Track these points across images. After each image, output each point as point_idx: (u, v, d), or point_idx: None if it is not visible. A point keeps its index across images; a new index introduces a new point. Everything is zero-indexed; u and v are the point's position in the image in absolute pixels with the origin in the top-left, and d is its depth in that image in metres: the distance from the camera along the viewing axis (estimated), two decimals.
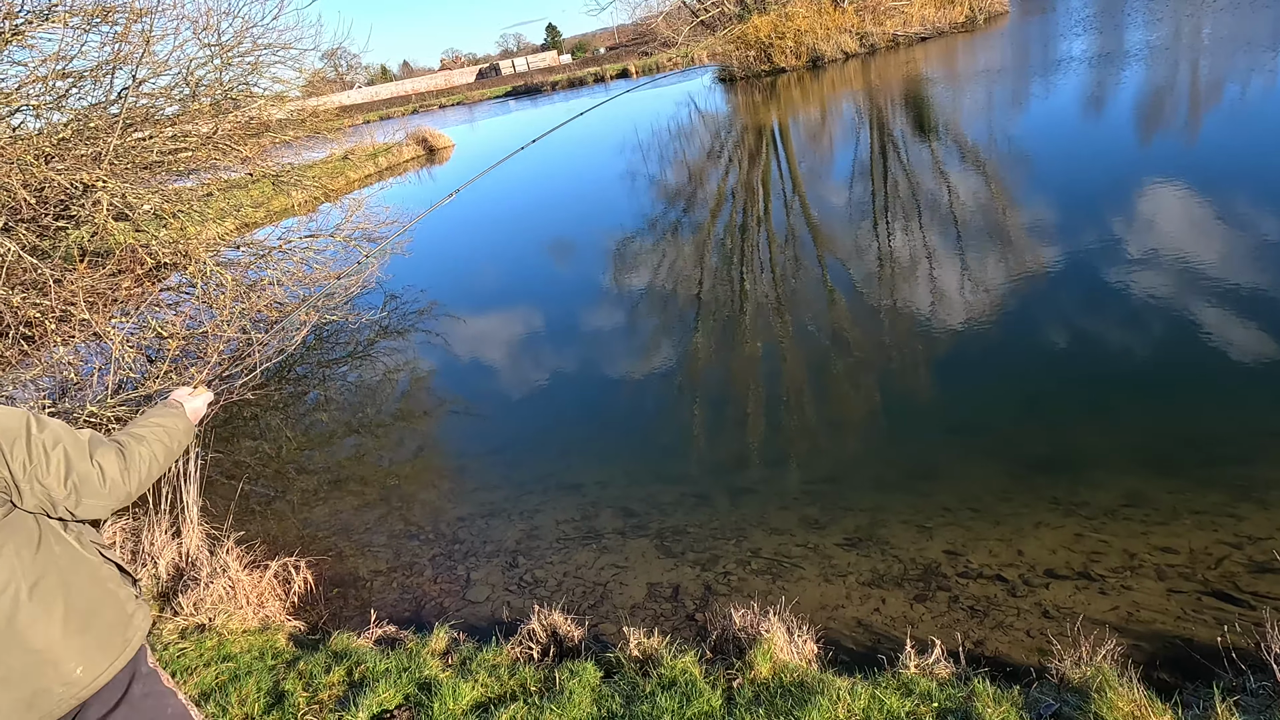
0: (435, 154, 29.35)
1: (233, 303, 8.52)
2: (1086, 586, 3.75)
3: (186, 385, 2.42)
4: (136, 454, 2.04)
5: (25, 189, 7.15)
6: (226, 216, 11.50)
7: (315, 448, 7.38)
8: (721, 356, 7.52)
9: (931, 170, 12.26)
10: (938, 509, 4.57)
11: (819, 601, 4.02)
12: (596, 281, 10.60)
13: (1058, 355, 6.07)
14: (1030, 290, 7.19)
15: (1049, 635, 3.42)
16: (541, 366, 8.13)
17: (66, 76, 8.01)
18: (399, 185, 23.05)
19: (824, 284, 8.62)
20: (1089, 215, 8.68)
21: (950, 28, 33.15)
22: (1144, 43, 19.83)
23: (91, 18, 7.67)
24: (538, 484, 5.84)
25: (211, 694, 3.56)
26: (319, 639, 4.16)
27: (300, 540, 5.53)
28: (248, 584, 4.60)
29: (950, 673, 3.13)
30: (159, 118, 9.23)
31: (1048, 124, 14.02)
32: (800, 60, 31.48)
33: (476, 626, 4.30)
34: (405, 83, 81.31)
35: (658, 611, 4.20)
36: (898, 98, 20.53)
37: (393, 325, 10.23)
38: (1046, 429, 5.20)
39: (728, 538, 4.72)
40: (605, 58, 68.27)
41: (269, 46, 9.98)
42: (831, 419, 5.95)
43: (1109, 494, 4.36)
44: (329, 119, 12.92)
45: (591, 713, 3.09)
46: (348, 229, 10.58)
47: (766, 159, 16.99)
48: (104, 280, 8.00)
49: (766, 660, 3.23)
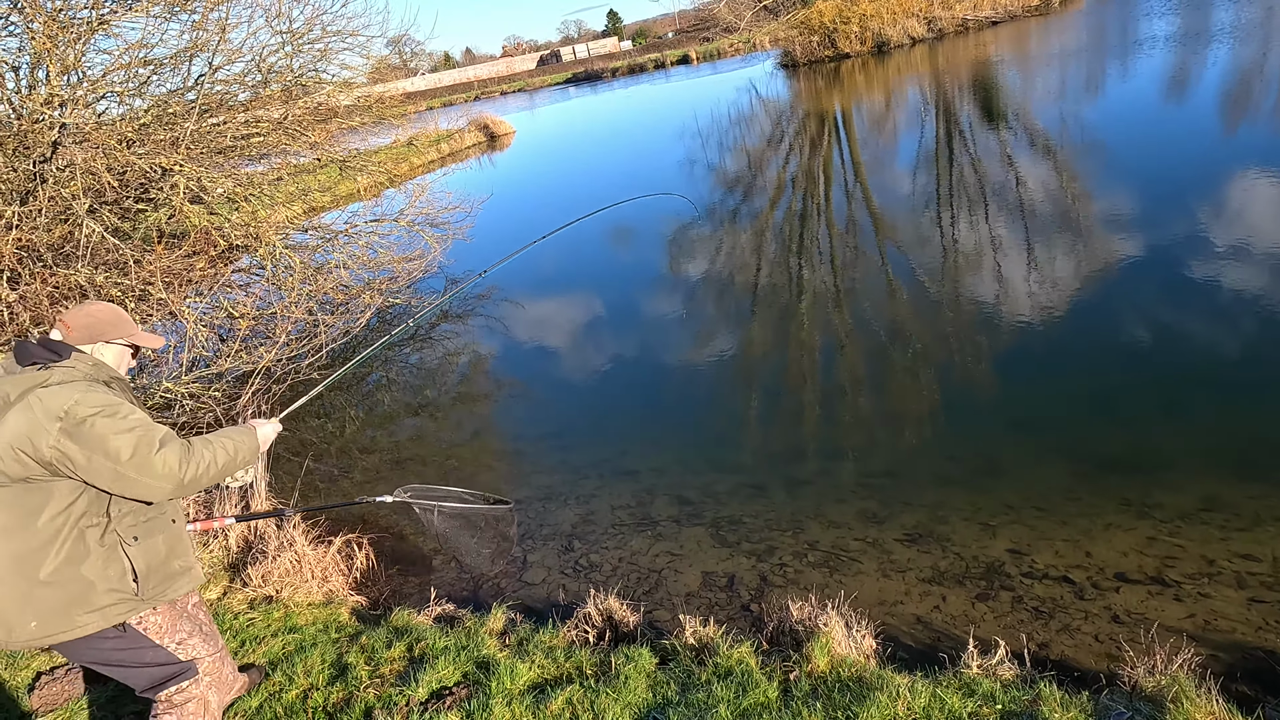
0: (496, 140, 29.62)
1: (300, 284, 8.75)
2: (1160, 592, 3.62)
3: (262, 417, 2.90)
4: (199, 453, 2.39)
5: (109, 172, 7.44)
6: (295, 200, 11.80)
7: (377, 428, 7.54)
8: (779, 346, 7.44)
9: (999, 158, 11.90)
10: (1001, 507, 4.46)
11: (877, 597, 3.96)
12: (654, 268, 10.58)
13: (1131, 351, 5.84)
14: (1103, 283, 6.93)
15: (1120, 641, 3.30)
16: (598, 352, 8.17)
17: (148, 64, 8.28)
18: (461, 171, 23.35)
19: (885, 274, 8.45)
20: (1168, 205, 8.32)
21: (1023, 11, 32.07)
22: (1232, 22, 18.87)
23: (172, 6, 7.91)
24: (593, 469, 5.88)
25: (279, 663, 3.68)
26: (380, 614, 4.26)
27: (362, 517, 5.67)
28: (313, 559, 4.73)
29: (1014, 675, 3.05)
30: (232, 104, 9.49)
31: (1125, 109, 13.47)
32: (865, 46, 30.84)
33: (533, 608, 4.35)
34: (467, 69, 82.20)
35: (712, 600, 4.19)
36: (965, 83, 19.95)
37: (453, 309, 10.37)
38: (1118, 427, 5.02)
39: (784, 529, 4.68)
40: (666, 43, 67.93)
41: (338, 33, 10.17)
42: (890, 412, 5.84)
43: (1185, 497, 4.19)
44: (394, 105, 13.13)
45: (647, 698, 3.10)
46: (411, 214, 10.76)
47: (828, 146, 16.71)
48: (180, 261, 8.29)
49: (824, 654, 3.19)
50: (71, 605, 2.31)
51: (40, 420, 2.22)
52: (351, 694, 3.40)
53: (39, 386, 2.27)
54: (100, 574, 2.35)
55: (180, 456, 2.33)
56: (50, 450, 2.21)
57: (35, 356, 2.36)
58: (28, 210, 7.23)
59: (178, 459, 2.32)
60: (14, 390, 2.27)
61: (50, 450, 2.21)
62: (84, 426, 2.22)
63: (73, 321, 2.46)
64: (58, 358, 2.37)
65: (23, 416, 2.23)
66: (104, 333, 2.50)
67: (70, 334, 2.45)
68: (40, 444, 2.22)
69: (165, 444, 2.31)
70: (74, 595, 2.32)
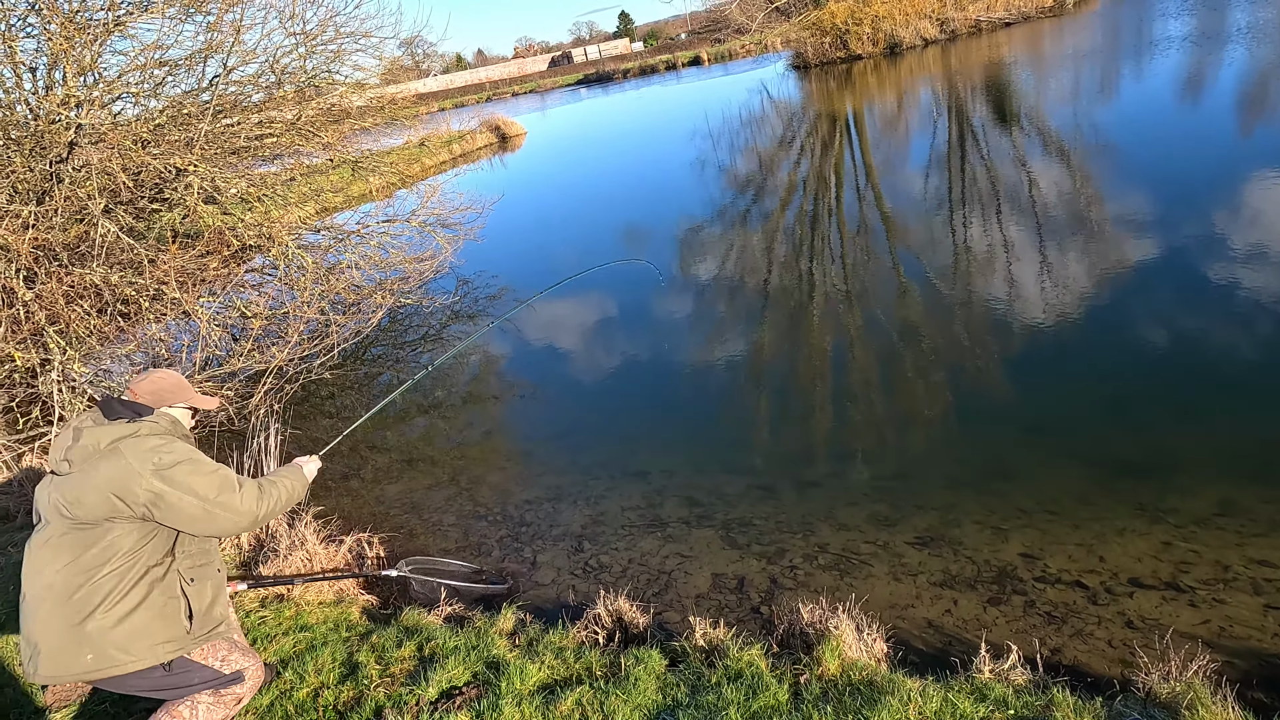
0: (508, 141, 29.69)
1: (313, 284, 8.79)
2: (1175, 598, 3.59)
3: (305, 455, 3.32)
4: (269, 492, 2.79)
5: (124, 173, 7.50)
6: (308, 201, 11.87)
7: (388, 427, 7.57)
8: (789, 348, 7.43)
9: (1012, 160, 11.84)
10: (1013, 510, 4.43)
11: (888, 600, 3.95)
12: (665, 269, 10.58)
13: (1146, 354, 5.79)
14: (1117, 286, 6.88)
15: (1134, 647, 3.28)
16: (609, 353, 8.17)
17: (163, 65, 8.35)
18: (473, 172, 23.42)
19: (896, 276, 8.42)
20: (1183, 207, 8.26)
21: (1037, 12, 31.89)
22: (1249, 23, 18.71)
23: (187, 8, 7.97)
24: (603, 470, 5.88)
25: (289, 661, 3.69)
26: (390, 613, 4.28)
27: (373, 517, 5.69)
28: (324, 557, 4.75)
29: (1027, 680, 3.03)
30: (246, 104, 9.56)
31: (1140, 111, 13.38)
32: (877, 47, 30.74)
33: (542, 609, 4.35)
34: (479, 70, 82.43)
35: (722, 602, 4.18)
36: (978, 84, 19.86)
37: (464, 309, 10.40)
38: (1132, 431, 4.98)
39: (794, 531, 4.67)
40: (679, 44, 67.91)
41: (351, 35, 10.23)
42: (902, 414, 5.82)
43: (1200, 502, 4.15)
44: (406, 106, 13.18)
45: (657, 700, 3.09)
46: (423, 214, 10.79)
47: (840, 148, 16.66)
48: (193, 261, 8.34)
49: (835, 657, 3.18)
50: (129, 641, 2.51)
51: (133, 465, 2.49)
52: (362, 693, 3.41)
53: (130, 436, 2.56)
54: (159, 612, 2.57)
55: (256, 495, 2.71)
56: (144, 492, 2.48)
57: (122, 412, 2.64)
58: (44, 210, 7.29)
59: (255, 497, 2.69)
60: (104, 439, 2.53)
61: (144, 492, 2.48)
62: (174, 470, 2.52)
63: (140, 389, 2.79)
64: (141, 415, 2.68)
65: (115, 462, 2.49)
66: (167, 399, 2.82)
67: (138, 399, 2.76)
68: (134, 485, 2.47)
69: (243, 485, 2.69)
70: (133, 631, 2.52)
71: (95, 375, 7.44)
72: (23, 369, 7.02)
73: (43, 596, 2.47)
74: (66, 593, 2.46)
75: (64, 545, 2.48)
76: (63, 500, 2.47)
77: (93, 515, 2.46)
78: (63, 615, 2.46)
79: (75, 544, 2.48)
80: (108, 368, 7.99)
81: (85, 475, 2.47)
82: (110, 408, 2.64)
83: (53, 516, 2.51)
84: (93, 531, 2.48)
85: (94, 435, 2.52)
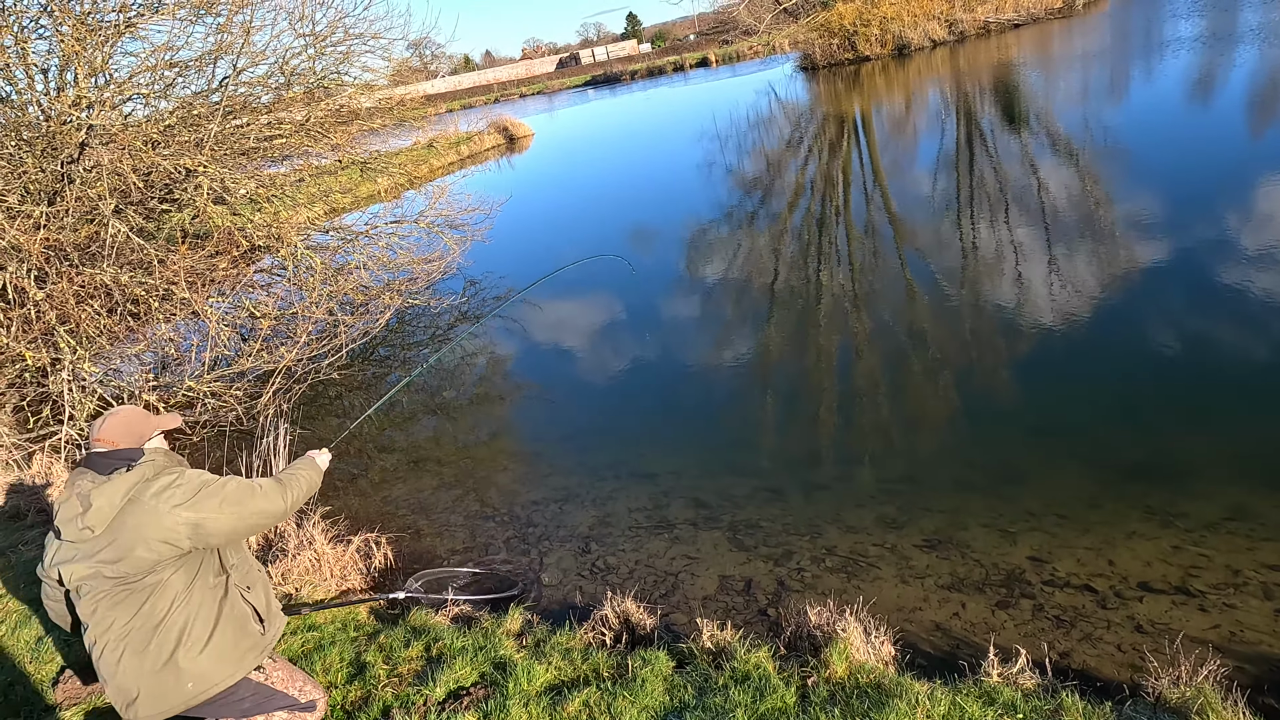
0: (515, 142, 29.74)
1: (321, 285, 8.82)
2: (1185, 602, 3.57)
3: (316, 449, 3.35)
4: (288, 483, 2.89)
5: (135, 173, 7.54)
6: (316, 201, 11.91)
7: (396, 428, 7.58)
8: (797, 350, 7.42)
9: (1021, 162, 11.81)
10: (1022, 513, 4.41)
11: (896, 603, 3.93)
12: (672, 271, 10.58)
13: (1156, 356, 5.77)
14: (1126, 288, 6.85)
15: (1143, 651, 3.26)
16: (616, 355, 8.17)
17: (173, 66, 8.40)
18: (480, 173, 23.46)
19: (904, 278, 8.40)
20: (1193, 209, 8.22)
21: (1046, 13, 31.81)
22: (1260, 23, 18.61)
23: (197, 9, 8.01)
24: (610, 471, 5.88)
25: (297, 662, 3.70)
26: (398, 614, 4.28)
27: (381, 517, 5.70)
28: (331, 557, 4.76)
29: (1035, 684, 3.02)
30: (256, 105, 9.60)
31: (1149, 112, 13.32)
32: (885, 48, 30.70)
33: (549, 610, 4.36)
34: (487, 72, 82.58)
35: (730, 604, 4.18)
36: (987, 86, 19.81)
37: (472, 310, 10.42)
38: (1142, 434, 4.96)
39: (801, 533, 4.66)
40: (686, 45, 67.89)
41: (360, 36, 10.26)
42: (909, 417, 5.80)
43: (1211, 506, 4.13)
44: (414, 107, 13.22)
45: (664, 702, 3.09)
46: (431, 215, 10.82)
47: (847, 149, 16.64)
48: (203, 261, 8.38)
49: (842, 660, 3.17)
50: (218, 661, 2.64)
51: (159, 507, 2.52)
52: (370, 693, 3.41)
53: (139, 483, 2.56)
54: (235, 627, 2.69)
55: (278, 488, 2.81)
56: (181, 526, 2.52)
57: (115, 464, 2.61)
58: (55, 210, 7.33)
59: (277, 491, 2.79)
60: (117, 495, 2.52)
61: (181, 526, 2.52)
62: (197, 496, 2.57)
63: (112, 435, 2.69)
64: (134, 459, 2.64)
65: (139, 512, 2.51)
66: (143, 431, 2.76)
67: (117, 445, 2.69)
68: (168, 523, 2.51)
69: (260, 483, 2.78)
70: (219, 652, 2.64)
71: (105, 375, 7.48)
72: (34, 368, 7.06)
73: (119, 649, 2.55)
74: (143, 643, 2.54)
75: (121, 601, 2.54)
76: (103, 563, 2.50)
77: (139, 568, 2.51)
78: (148, 662, 2.55)
79: (132, 599, 2.54)
80: (117, 367, 8.04)
81: (116, 534, 2.49)
82: (100, 464, 2.62)
83: (92, 581, 2.54)
84: (144, 582, 2.54)
85: (105, 495, 2.51)
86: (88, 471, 2.61)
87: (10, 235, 6.60)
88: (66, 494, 2.59)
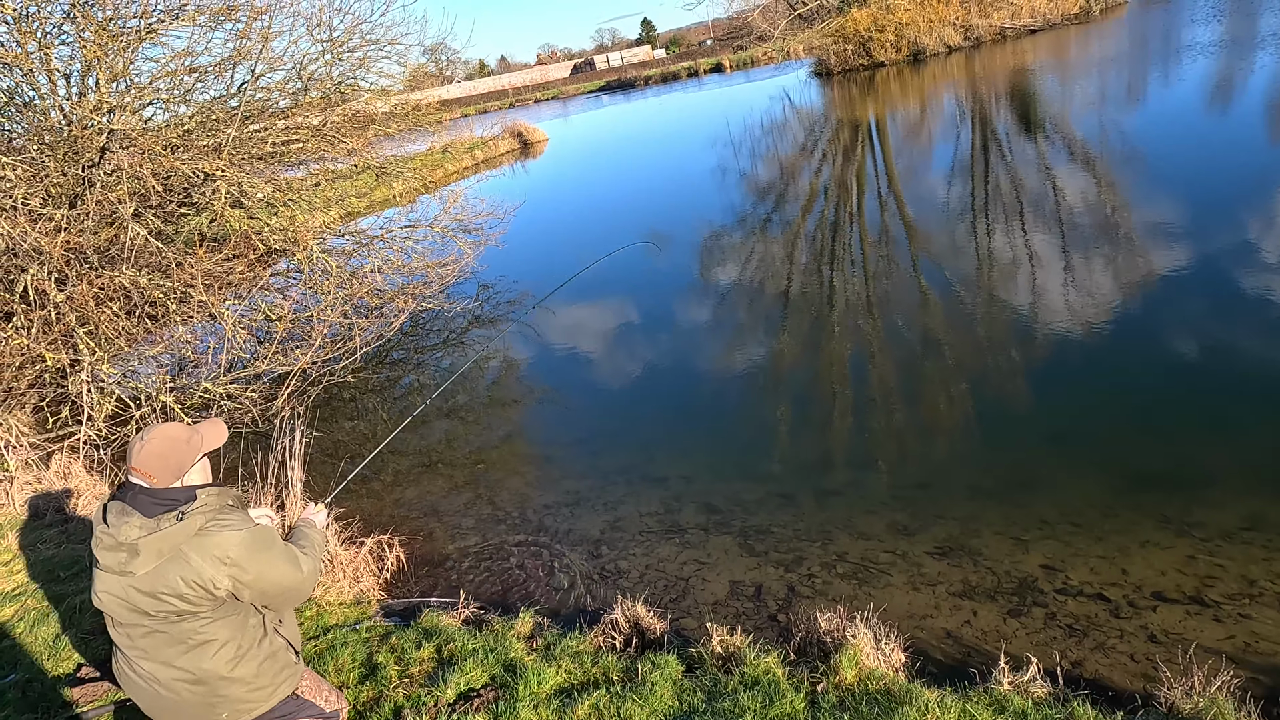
0: (530, 148, 29.86)
1: (336, 288, 8.89)
2: (1199, 612, 3.54)
3: (311, 504, 3.20)
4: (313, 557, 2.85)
5: (154, 177, 7.63)
6: (332, 206, 12.00)
7: (409, 431, 7.61)
8: (809, 355, 7.41)
9: (1036, 168, 11.75)
10: (1035, 521, 4.39)
11: (907, 610, 3.92)
12: (685, 275, 10.59)
13: (1173, 364, 5.73)
14: (1143, 295, 6.81)
15: (1156, 661, 3.24)
16: (628, 359, 8.19)
17: (193, 71, 8.50)
18: (495, 178, 23.57)
19: (918, 284, 8.38)
20: (1211, 216, 8.15)
21: (1062, 19, 31.65)
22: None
23: (217, 15, 8.12)
24: (621, 475, 5.89)
25: (310, 662, 3.73)
26: (410, 615, 4.31)
27: (393, 519, 5.74)
28: (344, 559, 4.80)
29: (1047, 692, 3.00)
30: (273, 111, 9.70)
31: (1167, 118, 13.23)
32: (900, 54, 30.63)
33: (560, 613, 4.37)
34: (502, 77, 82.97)
35: (740, 609, 4.18)
36: (1002, 91, 19.73)
37: (485, 314, 10.47)
38: (1157, 443, 4.92)
39: (812, 540, 4.65)
40: (701, 51, 67.94)
41: (376, 42, 10.36)
42: (922, 423, 5.78)
43: (1227, 515, 4.10)
44: (430, 112, 13.31)
45: (673, 706, 3.10)
46: (445, 220, 10.89)
47: (861, 155, 16.61)
48: (220, 264, 8.47)
49: (852, 666, 3.17)
50: (260, 689, 2.71)
51: (205, 568, 2.46)
52: (381, 693, 3.44)
53: (187, 538, 2.47)
54: (275, 662, 2.75)
55: (312, 565, 2.79)
56: (223, 590, 2.51)
57: (163, 505, 2.46)
58: (76, 213, 7.44)
59: (312, 566, 2.78)
60: (164, 547, 2.45)
61: (223, 590, 2.51)
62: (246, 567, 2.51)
63: (148, 468, 2.48)
64: (186, 502, 2.50)
65: (185, 565, 2.46)
66: (182, 462, 2.55)
67: (155, 480, 2.50)
68: (209, 575, 2.48)
69: (299, 561, 2.73)
70: (259, 681, 2.70)
71: (123, 376, 7.56)
72: (53, 369, 7.15)
73: (173, 685, 2.61)
74: (194, 677, 2.60)
75: (168, 635, 2.56)
76: (144, 598, 2.49)
77: (180, 610, 2.51)
78: (201, 694, 2.62)
79: (178, 634, 2.55)
80: (135, 369, 8.12)
81: (158, 581, 2.45)
82: (146, 506, 2.46)
83: (131, 615, 2.53)
84: (182, 626, 2.55)
85: (152, 547, 2.43)
86: (132, 512, 2.45)
87: (32, 238, 6.69)
88: (107, 527, 2.47)
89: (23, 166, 7.19)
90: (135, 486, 2.50)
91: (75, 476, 6.29)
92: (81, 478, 6.30)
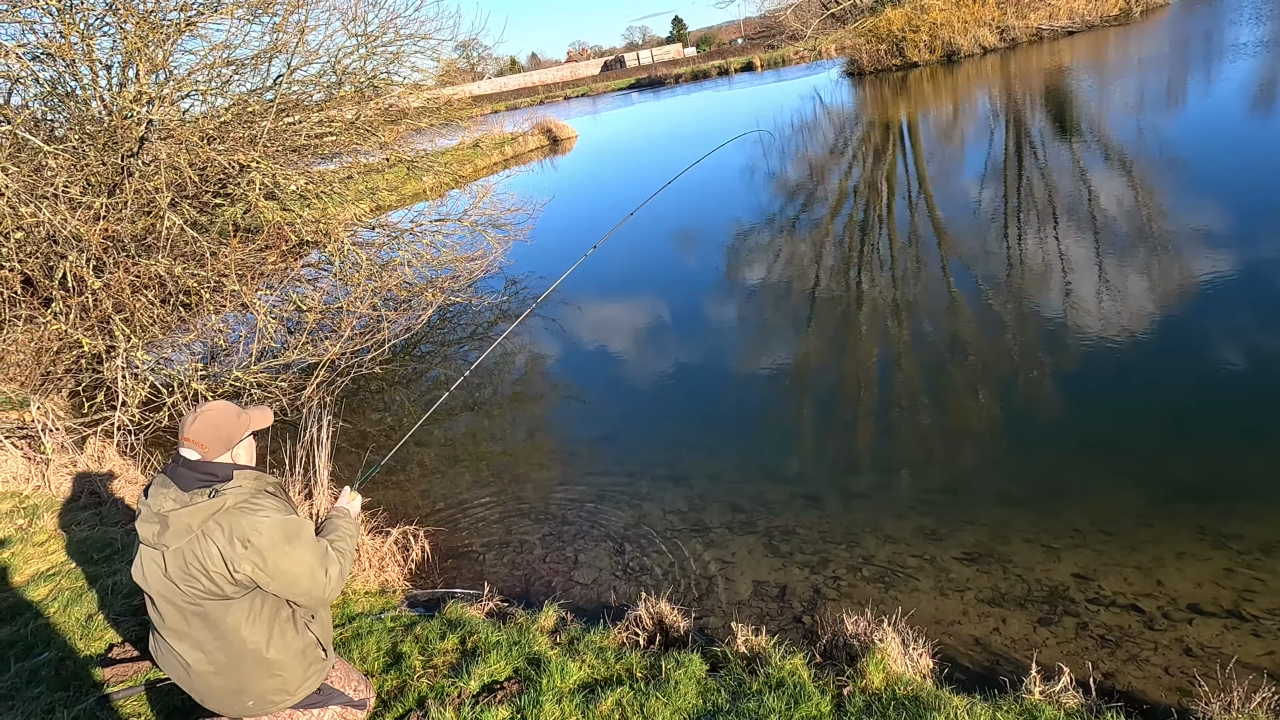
0: (559, 144, 29.93)
1: (366, 280, 8.97)
2: (1237, 626, 3.46)
3: (346, 490, 3.26)
4: (345, 557, 2.81)
5: (191, 168, 7.74)
6: (363, 198, 12.10)
7: (435, 423, 7.66)
8: (836, 357, 7.35)
9: (1071, 171, 11.56)
10: (1067, 529, 4.32)
11: (934, 615, 3.87)
12: (712, 275, 10.56)
13: (1211, 372, 5.60)
14: (1181, 302, 6.67)
15: (1193, 675, 3.17)
16: (655, 357, 8.17)
17: (230, 64, 8.62)
18: (524, 173, 23.66)
19: (947, 287, 8.27)
20: (1252, 221, 7.97)
21: (1101, 21, 31.12)
22: None
23: (255, 9, 8.21)
24: (646, 473, 5.88)
25: (336, 650, 3.75)
26: (434, 606, 4.33)
27: (418, 511, 5.77)
28: (370, 548, 4.83)
29: (1078, 703, 2.95)
30: (308, 104, 9.80)
31: (1208, 121, 12.95)
32: (934, 55, 30.29)
33: (583, 608, 4.37)
34: (533, 74, 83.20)
35: (764, 610, 4.15)
36: (1038, 93, 19.43)
37: (512, 309, 10.50)
38: (1195, 452, 4.82)
39: (838, 542, 4.61)
40: (732, 50, 67.67)
41: (410, 37, 10.43)
42: (951, 428, 5.71)
43: (1266, 528, 4.00)
44: (461, 108, 13.39)
45: (697, 705, 3.08)
46: (474, 214, 10.94)
47: (892, 156, 16.45)
48: (253, 255, 8.58)
49: (879, 670, 3.13)
50: (291, 679, 2.76)
51: (227, 548, 2.49)
52: (405, 683, 3.45)
53: (216, 515, 2.50)
54: (303, 658, 2.78)
55: (340, 568, 2.74)
56: (243, 575, 2.52)
57: (201, 480, 2.53)
58: (114, 202, 7.56)
59: (339, 570, 2.73)
60: (194, 522, 2.49)
61: (243, 575, 2.52)
62: (266, 556, 2.52)
63: (202, 438, 2.57)
64: (223, 480, 2.56)
65: (209, 546, 2.49)
66: (232, 435, 2.64)
67: (207, 451, 2.58)
68: (234, 566, 2.51)
69: (328, 561, 2.70)
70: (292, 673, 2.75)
71: (156, 363, 7.68)
72: (89, 355, 7.28)
73: (201, 668, 2.66)
74: (221, 663, 2.65)
75: (199, 618, 2.60)
76: (175, 579, 2.54)
77: (209, 592, 2.55)
78: (228, 681, 2.67)
79: (207, 618, 2.59)
80: (168, 356, 8.25)
81: (187, 557, 2.49)
82: (185, 478, 2.53)
83: (166, 593, 2.57)
84: (212, 607, 2.58)
85: (181, 520, 2.48)
86: (171, 485, 2.53)
87: (72, 225, 6.81)
88: (149, 500, 2.55)
89: (64, 155, 7.32)
90: (181, 460, 2.58)
91: (109, 460, 6.40)
92: (115, 462, 6.40)
